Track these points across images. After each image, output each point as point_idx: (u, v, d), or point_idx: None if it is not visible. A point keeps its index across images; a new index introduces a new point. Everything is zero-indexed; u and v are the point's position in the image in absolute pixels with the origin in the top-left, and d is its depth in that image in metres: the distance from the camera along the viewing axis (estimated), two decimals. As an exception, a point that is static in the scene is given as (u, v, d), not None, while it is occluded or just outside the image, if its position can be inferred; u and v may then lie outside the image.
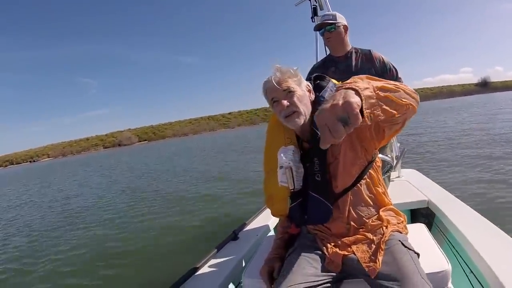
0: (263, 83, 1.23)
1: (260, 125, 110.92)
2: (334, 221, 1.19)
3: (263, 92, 1.24)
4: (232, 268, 1.66)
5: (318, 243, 1.24)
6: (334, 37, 2.09)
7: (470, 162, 6.47)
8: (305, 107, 1.19)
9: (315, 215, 1.19)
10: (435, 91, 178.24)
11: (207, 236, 4.56)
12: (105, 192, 11.08)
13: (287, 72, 1.19)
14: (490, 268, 1.26)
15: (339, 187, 1.17)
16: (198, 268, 1.70)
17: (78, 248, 5.21)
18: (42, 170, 41.74)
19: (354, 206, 1.19)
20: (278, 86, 1.17)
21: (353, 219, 1.19)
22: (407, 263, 1.03)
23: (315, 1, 3.60)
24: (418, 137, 11.56)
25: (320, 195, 1.17)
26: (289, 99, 1.17)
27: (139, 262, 4.14)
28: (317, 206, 1.18)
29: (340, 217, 1.19)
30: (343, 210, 1.18)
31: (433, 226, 2.10)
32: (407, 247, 1.11)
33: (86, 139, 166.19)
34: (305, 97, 1.20)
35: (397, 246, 1.10)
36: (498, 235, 1.53)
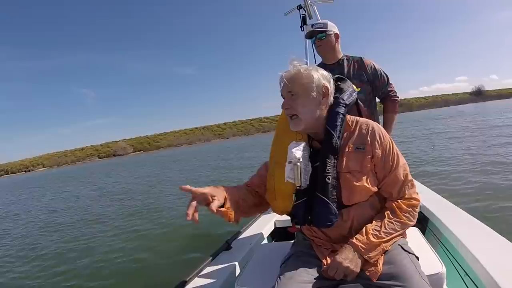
0: (279, 75, 1.22)
1: (255, 136, 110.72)
2: (335, 228, 1.17)
3: None
4: (225, 278, 1.64)
5: (314, 250, 1.22)
6: (325, 45, 2.11)
7: (462, 167, 6.57)
8: (309, 112, 1.16)
9: (320, 217, 1.14)
10: (430, 100, 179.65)
11: (200, 246, 4.53)
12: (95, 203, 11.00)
13: (297, 73, 1.17)
14: (485, 270, 1.25)
15: (346, 198, 1.14)
16: (191, 278, 1.67)
17: (67, 256, 5.18)
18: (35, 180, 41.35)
19: (358, 218, 1.17)
20: (285, 84, 1.17)
21: (354, 229, 1.17)
22: (408, 265, 1.04)
23: (304, 11, 3.69)
24: (410, 144, 11.72)
25: (328, 199, 1.13)
26: (291, 102, 1.17)
27: (131, 273, 4.10)
28: (324, 208, 1.14)
29: (342, 225, 1.17)
30: (347, 219, 1.16)
31: (427, 230, 2.10)
32: (406, 250, 1.13)
33: (81, 149, 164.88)
34: (311, 102, 1.17)
35: (397, 249, 1.12)
36: (491, 237, 1.53)
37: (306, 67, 1.19)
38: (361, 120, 1.23)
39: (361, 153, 1.16)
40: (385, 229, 1.09)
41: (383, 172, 1.16)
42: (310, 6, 3.69)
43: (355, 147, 1.17)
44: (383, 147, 1.16)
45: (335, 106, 1.22)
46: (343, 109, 1.22)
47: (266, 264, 1.50)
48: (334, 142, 1.16)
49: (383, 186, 1.17)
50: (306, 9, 3.68)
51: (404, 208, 1.13)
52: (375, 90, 2.15)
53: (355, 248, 1.07)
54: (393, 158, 1.16)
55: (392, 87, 2.19)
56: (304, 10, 3.69)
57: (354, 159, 1.15)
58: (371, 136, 1.16)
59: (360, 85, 2.00)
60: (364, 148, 1.15)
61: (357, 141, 1.18)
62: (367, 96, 2.09)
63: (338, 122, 1.18)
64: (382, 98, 2.21)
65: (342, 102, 1.23)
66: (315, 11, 3.72)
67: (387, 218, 1.12)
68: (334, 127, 1.17)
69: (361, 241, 1.07)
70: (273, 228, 2.40)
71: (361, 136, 1.18)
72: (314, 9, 3.73)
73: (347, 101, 1.26)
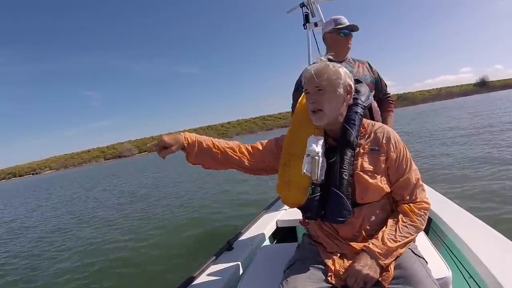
0: (304, 70, 1.23)
1: (258, 134, 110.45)
2: (345, 225, 1.17)
3: (302, 78, 1.25)
4: (227, 279, 1.62)
5: (321, 256, 1.21)
6: (349, 41, 2.06)
7: (465, 166, 6.44)
8: (335, 108, 1.18)
9: (334, 211, 1.14)
10: (433, 93, 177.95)
11: (201, 246, 4.52)
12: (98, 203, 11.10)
13: (326, 68, 1.17)
14: (490, 272, 1.23)
15: (360, 196, 1.15)
16: (193, 279, 1.66)
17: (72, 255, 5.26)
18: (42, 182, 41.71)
19: (369, 217, 1.17)
20: (313, 78, 1.17)
21: (364, 228, 1.17)
22: (419, 269, 1.05)
23: (307, 9, 3.67)
24: (414, 143, 11.42)
25: (343, 194, 1.13)
26: (318, 97, 1.17)
27: (133, 273, 4.12)
28: (338, 203, 1.14)
29: (353, 223, 1.17)
30: (358, 217, 1.16)
31: (430, 231, 2.08)
32: (416, 254, 1.13)
33: (87, 151, 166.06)
34: (337, 98, 1.18)
35: (407, 253, 1.11)
36: (496, 238, 1.50)
37: (334, 64, 1.20)
38: (377, 124, 1.26)
39: (375, 154, 1.17)
40: (400, 233, 1.10)
41: (396, 175, 1.17)
42: (313, 3, 3.65)
43: (370, 149, 1.18)
44: (398, 151, 1.18)
45: (353, 105, 1.24)
46: (360, 109, 1.24)
47: (268, 266, 1.48)
48: (352, 139, 1.18)
49: (395, 188, 1.18)
50: (308, 6, 3.66)
51: (417, 212, 1.14)
52: (377, 92, 2.18)
53: (373, 254, 1.06)
54: (406, 162, 1.18)
55: (388, 91, 2.26)
56: (307, 8, 3.68)
57: (368, 159, 1.17)
58: (386, 139, 1.19)
59: (370, 87, 1.99)
60: (379, 150, 1.18)
61: (372, 143, 1.20)
62: None
63: (356, 121, 1.20)
64: (382, 100, 2.23)
65: (360, 103, 1.25)
66: (317, 8, 3.68)
67: (401, 222, 1.12)
68: (352, 125, 1.19)
69: (378, 247, 1.07)
70: (275, 228, 2.38)
71: (376, 138, 1.20)
72: (317, 7, 3.68)
73: (365, 102, 1.28)
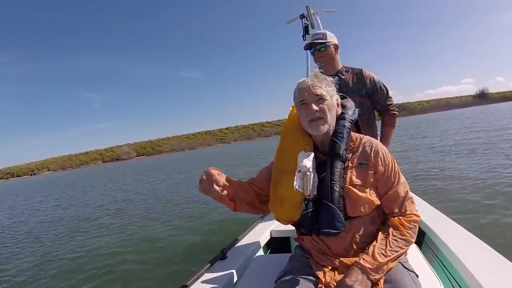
0: (298, 82, 1.24)
1: (256, 140, 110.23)
2: (337, 240, 1.17)
3: (295, 91, 1.25)
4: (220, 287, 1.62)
5: (312, 267, 1.21)
6: (324, 56, 2.08)
7: (460, 180, 6.38)
8: (332, 117, 1.21)
9: (327, 224, 1.14)
10: (433, 103, 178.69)
11: (195, 255, 4.48)
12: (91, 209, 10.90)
13: (324, 80, 1.21)
14: (481, 286, 1.26)
15: (351, 209, 1.16)
16: (186, 287, 1.66)
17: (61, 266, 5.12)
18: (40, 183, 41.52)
19: (359, 230, 1.18)
20: (311, 89, 1.18)
21: (355, 242, 1.18)
22: (408, 283, 1.05)
23: (307, 20, 3.67)
24: (409, 156, 11.23)
25: (335, 206, 1.14)
26: (320, 105, 1.18)
27: (125, 281, 4.05)
28: (331, 216, 1.14)
29: (344, 237, 1.17)
30: (349, 230, 1.16)
31: (423, 245, 2.09)
32: (407, 268, 1.13)
33: (85, 153, 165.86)
34: (334, 108, 1.22)
35: (398, 267, 1.11)
36: (488, 253, 1.52)
37: (328, 77, 1.24)
38: (365, 137, 1.27)
39: (364, 168, 1.18)
40: (390, 248, 1.09)
41: (385, 188, 1.18)
42: (313, 15, 3.68)
43: (359, 163, 1.19)
44: (386, 164, 1.19)
45: (341, 119, 1.25)
46: (348, 123, 1.25)
47: (262, 277, 1.48)
48: (341, 152, 1.19)
49: (384, 201, 1.19)
50: (308, 18, 3.67)
51: (406, 225, 1.14)
52: (374, 103, 2.11)
53: (364, 269, 1.05)
54: (395, 175, 1.19)
55: (391, 100, 2.15)
56: (306, 20, 3.68)
57: (357, 173, 1.18)
58: (375, 153, 1.20)
59: (360, 100, 1.99)
60: (367, 164, 1.18)
61: (360, 157, 1.21)
62: (365, 110, 2.07)
63: (344, 135, 1.21)
64: (381, 111, 2.18)
65: (347, 118, 1.27)
66: (317, 20, 3.70)
67: (391, 236, 1.12)
68: (340, 138, 1.20)
69: (368, 262, 1.06)
70: (269, 238, 2.38)
71: (365, 152, 1.21)
72: (317, 19, 3.70)
73: (352, 117, 1.29)
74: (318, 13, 3.77)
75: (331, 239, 1.18)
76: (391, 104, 2.15)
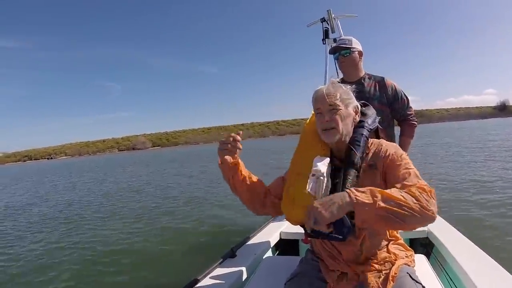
0: (314, 91, 1.26)
1: (270, 138, 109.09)
2: (347, 245, 1.19)
3: (312, 98, 1.27)
4: (228, 286, 1.65)
5: (322, 272, 1.23)
6: (348, 62, 2.11)
7: (472, 192, 6.34)
8: (346, 127, 1.22)
9: (335, 230, 1.12)
10: (452, 112, 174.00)
11: (205, 252, 4.52)
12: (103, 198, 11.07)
13: (339, 89, 1.22)
14: None
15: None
16: (195, 283, 1.69)
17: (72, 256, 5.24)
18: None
19: (370, 236, 1.19)
20: (326, 98, 1.20)
21: (366, 248, 1.19)
22: None
23: (327, 24, 3.75)
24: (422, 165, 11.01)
25: None
26: (332, 115, 1.20)
27: (134, 276, 4.15)
28: (339, 222, 1.11)
29: (355, 243, 1.19)
30: (359, 236, 1.18)
31: (431, 257, 2.10)
32: (414, 279, 1.14)
33: (102, 141, 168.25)
34: (348, 117, 1.23)
35: (405, 278, 1.12)
36: (495, 269, 1.54)
37: (345, 85, 1.26)
38: (381, 141, 1.29)
39: (372, 170, 1.21)
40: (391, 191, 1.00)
41: (393, 174, 1.15)
42: (334, 20, 3.76)
43: (369, 165, 1.22)
44: (388, 154, 1.19)
45: (360, 127, 1.28)
46: (366, 132, 1.27)
47: (271, 278, 1.50)
48: (356, 160, 1.20)
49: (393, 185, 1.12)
50: (329, 22, 3.75)
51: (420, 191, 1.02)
52: (394, 112, 2.13)
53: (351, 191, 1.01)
54: (404, 165, 1.15)
55: (411, 110, 2.17)
56: (327, 23, 3.75)
57: (367, 177, 1.20)
58: (378, 150, 1.23)
59: (380, 107, 2.01)
60: (375, 165, 1.21)
61: (371, 159, 1.23)
62: (385, 118, 2.07)
63: (361, 143, 1.23)
64: (401, 121, 2.19)
65: (366, 126, 1.29)
66: (338, 25, 3.79)
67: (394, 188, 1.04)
68: (357, 146, 1.22)
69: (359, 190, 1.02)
70: (278, 239, 2.43)
71: (375, 153, 1.24)
72: (338, 23, 3.79)
73: (371, 125, 1.31)
74: (339, 18, 3.85)
75: (341, 244, 1.20)
76: (411, 114, 2.17)
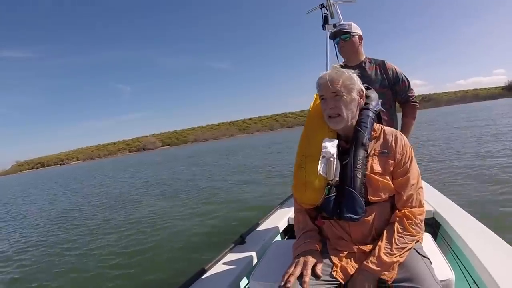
0: (318, 77, 1.27)
1: (278, 131, 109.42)
2: (357, 225, 1.21)
3: (316, 84, 1.29)
4: (238, 272, 1.68)
5: (328, 249, 1.25)
6: (348, 46, 2.11)
7: (477, 172, 6.31)
8: (350, 112, 1.23)
9: (349, 209, 1.18)
10: (460, 95, 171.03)
11: (215, 240, 4.65)
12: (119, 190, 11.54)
13: (342, 75, 1.23)
14: (492, 278, 1.28)
15: (371, 195, 1.20)
16: (204, 271, 1.72)
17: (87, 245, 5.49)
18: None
19: (379, 216, 1.21)
20: (329, 85, 1.21)
21: (375, 227, 1.21)
22: (422, 268, 1.08)
23: (327, 10, 3.70)
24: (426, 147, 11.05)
25: (357, 192, 1.18)
26: (335, 102, 1.21)
27: (147, 263, 4.28)
28: (353, 201, 1.17)
29: (364, 223, 1.20)
30: (369, 215, 1.20)
31: (438, 236, 2.12)
32: (421, 254, 1.15)
33: (113, 144, 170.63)
34: (353, 102, 1.24)
35: (412, 252, 1.14)
36: (501, 246, 1.54)
37: (348, 70, 1.27)
38: (387, 128, 1.32)
39: (385, 157, 1.23)
40: (396, 245, 1.12)
41: (399, 174, 1.23)
42: (333, 5, 3.71)
43: (380, 152, 1.25)
44: (404, 152, 1.24)
45: (365, 109, 1.30)
46: (372, 114, 1.30)
47: (279, 260, 1.52)
48: (365, 141, 1.24)
49: (395, 185, 1.23)
50: (328, 8, 3.70)
51: (413, 220, 1.17)
52: (395, 95, 2.15)
53: (371, 272, 1.09)
54: (410, 164, 1.24)
55: (412, 92, 2.18)
56: (326, 9, 3.70)
57: (378, 162, 1.23)
58: (395, 143, 1.25)
59: (382, 90, 2.03)
60: (388, 153, 1.24)
61: (382, 146, 1.26)
62: (387, 101, 2.08)
63: (368, 124, 1.26)
64: (402, 103, 2.22)
65: (371, 108, 1.32)
66: (337, 10, 3.74)
67: (397, 233, 1.15)
68: (364, 127, 1.25)
69: (375, 264, 1.09)
70: (287, 225, 2.45)
71: (386, 142, 1.26)
72: (336, 9, 3.74)
73: (375, 107, 1.34)
74: (338, 3, 3.79)
75: (351, 225, 1.21)
76: (412, 96, 2.18)
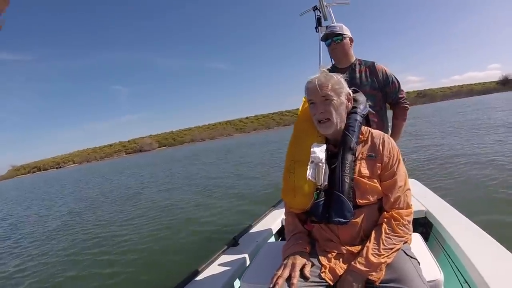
0: (306, 82, 1.28)
1: (275, 129, 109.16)
2: (346, 228, 1.22)
3: (305, 89, 1.30)
4: (231, 274, 1.70)
5: (317, 251, 1.26)
6: (339, 48, 2.12)
7: (470, 172, 6.37)
8: (339, 116, 1.25)
9: (338, 213, 1.19)
10: (454, 90, 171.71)
11: (209, 242, 4.66)
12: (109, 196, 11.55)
13: (330, 79, 1.24)
14: (483, 279, 1.30)
15: (359, 198, 1.21)
16: (198, 273, 1.74)
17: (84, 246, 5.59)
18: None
19: (367, 219, 1.23)
20: (318, 89, 1.22)
21: (363, 230, 1.23)
22: (410, 269, 1.08)
23: (320, 12, 3.82)
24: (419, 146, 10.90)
25: (345, 196, 1.20)
26: (325, 106, 1.23)
27: (141, 265, 4.31)
28: (341, 205, 1.19)
29: (353, 226, 1.21)
30: (357, 219, 1.22)
31: (430, 236, 2.13)
32: (409, 255, 1.16)
33: (109, 146, 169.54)
34: (341, 106, 1.26)
35: (400, 253, 1.15)
36: (493, 246, 1.55)
37: (336, 74, 1.28)
38: (374, 131, 1.34)
39: (372, 160, 1.25)
40: (384, 246, 1.13)
41: (386, 176, 1.25)
42: (326, 7, 3.82)
43: (368, 155, 1.27)
44: (391, 155, 1.26)
45: (353, 113, 1.32)
46: (359, 117, 1.32)
47: (270, 261, 1.52)
48: (352, 145, 1.25)
49: (383, 187, 1.25)
50: (321, 10, 3.82)
51: (400, 221, 1.19)
52: (385, 96, 2.16)
53: (359, 272, 1.10)
54: (397, 166, 1.25)
55: (403, 93, 2.19)
56: (319, 11, 3.82)
57: (366, 165, 1.25)
58: (382, 146, 1.27)
59: (372, 92, 2.06)
60: (375, 157, 1.26)
61: (369, 149, 1.28)
62: (377, 103, 2.11)
63: (356, 128, 1.28)
64: (393, 104, 2.22)
65: (359, 112, 1.33)
66: (330, 12, 3.86)
67: (384, 234, 1.16)
68: (352, 131, 1.27)
69: (363, 264, 1.10)
70: (280, 226, 2.47)
71: (374, 145, 1.28)
72: (330, 11, 3.86)
73: (363, 111, 1.36)
74: (331, 5, 3.90)
75: (340, 227, 1.23)
76: (403, 97, 2.20)
